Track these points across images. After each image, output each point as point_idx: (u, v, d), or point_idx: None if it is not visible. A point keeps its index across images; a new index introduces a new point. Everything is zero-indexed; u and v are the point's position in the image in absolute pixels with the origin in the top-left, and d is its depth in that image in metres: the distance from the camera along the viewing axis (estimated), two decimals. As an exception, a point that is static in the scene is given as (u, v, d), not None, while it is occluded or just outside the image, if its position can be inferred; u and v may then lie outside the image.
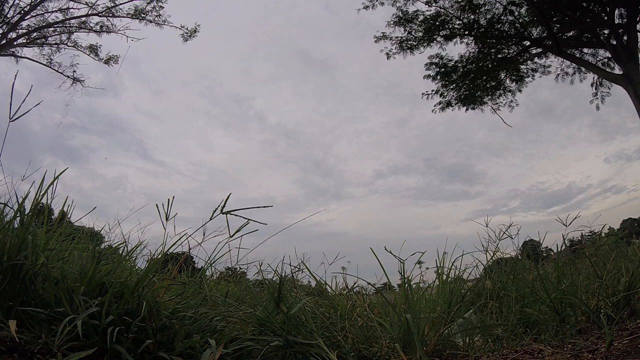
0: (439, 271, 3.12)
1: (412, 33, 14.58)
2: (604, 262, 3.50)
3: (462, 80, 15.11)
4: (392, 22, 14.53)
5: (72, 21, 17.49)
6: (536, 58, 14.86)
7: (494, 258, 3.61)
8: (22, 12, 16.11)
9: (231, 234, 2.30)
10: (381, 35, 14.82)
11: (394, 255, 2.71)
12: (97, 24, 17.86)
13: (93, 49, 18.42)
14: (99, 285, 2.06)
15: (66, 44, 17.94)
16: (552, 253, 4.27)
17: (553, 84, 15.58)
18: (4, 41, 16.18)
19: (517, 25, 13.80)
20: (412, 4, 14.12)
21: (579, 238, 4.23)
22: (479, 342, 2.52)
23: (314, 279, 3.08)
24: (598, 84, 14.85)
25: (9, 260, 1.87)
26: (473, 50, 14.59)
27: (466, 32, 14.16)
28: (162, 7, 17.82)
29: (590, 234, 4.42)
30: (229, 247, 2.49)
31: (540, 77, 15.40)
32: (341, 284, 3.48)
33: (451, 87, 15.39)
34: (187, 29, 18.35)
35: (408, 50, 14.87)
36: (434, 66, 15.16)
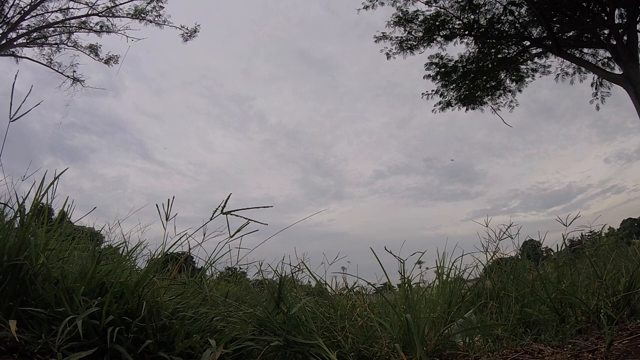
0: (439, 271, 3.12)
1: (412, 33, 14.60)
2: (604, 262, 3.49)
3: (462, 80, 15.12)
4: (392, 22, 14.56)
5: (72, 21, 17.52)
6: (536, 58, 14.88)
7: (494, 258, 3.61)
8: (22, 12, 16.12)
9: (231, 234, 2.30)
10: (381, 35, 14.84)
11: (394, 255, 2.71)
12: (97, 24, 17.90)
13: (93, 49, 18.45)
14: (99, 285, 2.06)
15: (66, 44, 17.98)
16: (552, 253, 4.27)
17: (553, 84, 15.60)
18: (4, 41, 16.19)
19: (517, 25, 13.80)
20: (412, 4, 14.17)
21: (579, 238, 4.23)
22: (479, 342, 2.52)
23: (314, 279, 3.08)
24: (598, 84, 14.87)
25: (9, 260, 1.87)
26: (473, 50, 14.61)
27: (466, 32, 14.17)
28: (162, 7, 17.87)
29: (590, 234, 4.42)
30: (229, 247, 2.50)
31: (540, 77, 15.44)
32: (341, 284, 3.48)
33: (451, 87, 15.41)
34: (187, 29, 18.39)
35: (408, 50, 14.89)
36: (434, 66, 15.18)
